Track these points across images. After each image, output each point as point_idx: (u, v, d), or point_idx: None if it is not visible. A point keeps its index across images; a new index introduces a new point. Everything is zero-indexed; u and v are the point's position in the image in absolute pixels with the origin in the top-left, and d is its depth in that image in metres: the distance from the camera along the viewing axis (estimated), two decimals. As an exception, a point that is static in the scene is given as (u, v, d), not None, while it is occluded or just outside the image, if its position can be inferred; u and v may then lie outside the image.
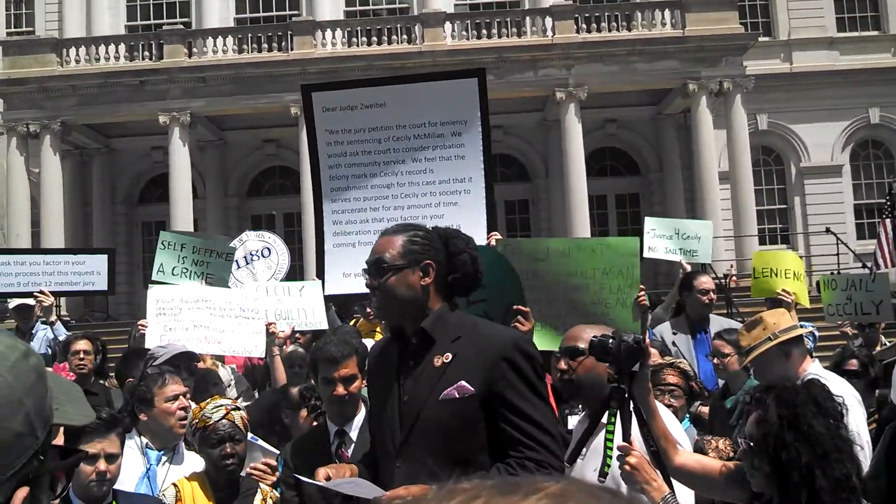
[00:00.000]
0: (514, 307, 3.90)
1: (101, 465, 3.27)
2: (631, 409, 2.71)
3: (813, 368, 4.35)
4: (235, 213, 23.75)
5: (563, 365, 3.18)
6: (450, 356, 2.84)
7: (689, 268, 7.35)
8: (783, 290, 6.29)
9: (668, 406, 4.01)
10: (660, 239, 7.54)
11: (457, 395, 2.79)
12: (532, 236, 23.57)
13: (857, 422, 4.03)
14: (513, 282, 4.06)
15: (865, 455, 3.94)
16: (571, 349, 3.25)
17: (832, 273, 17.56)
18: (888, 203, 7.39)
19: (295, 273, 8.05)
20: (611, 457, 2.77)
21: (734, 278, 18.52)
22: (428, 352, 2.89)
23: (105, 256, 7.93)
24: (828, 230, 19.26)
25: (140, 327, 5.82)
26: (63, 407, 0.98)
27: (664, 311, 6.96)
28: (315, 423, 4.38)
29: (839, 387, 4.19)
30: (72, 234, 21.19)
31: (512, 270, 4.09)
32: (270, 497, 3.83)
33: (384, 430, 2.96)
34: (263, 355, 5.70)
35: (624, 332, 2.79)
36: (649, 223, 7.88)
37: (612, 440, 2.78)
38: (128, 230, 23.79)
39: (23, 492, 0.90)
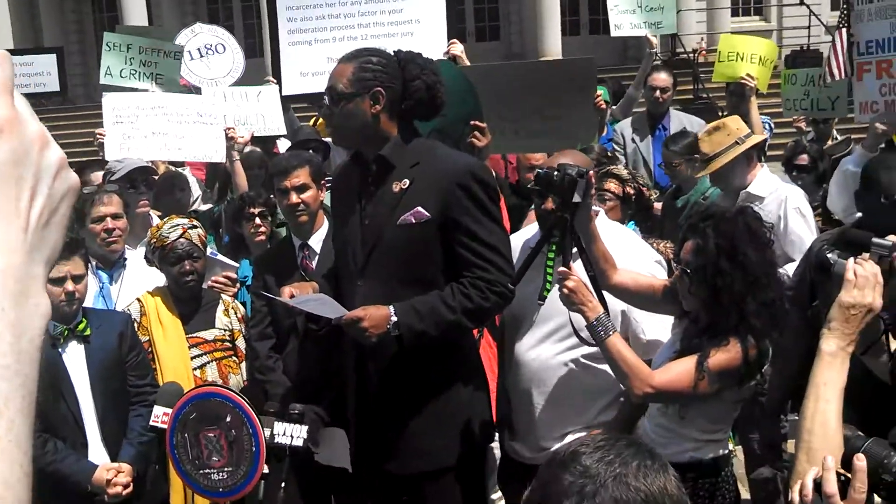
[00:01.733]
0: (472, 122, 3.88)
1: (69, 285, 3.38)
2: (572, 237, 2.79)
3: (761, 174, 4.44)
4: (191, 3, 22.57)
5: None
6: (407, 182, 2.92)
7: (655, 41, 7.30)
8: (747, 75, 6.25)
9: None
10: (624, 14, 7.39)
11: (413, 221, 2.89)
12: (500, 23, 22.77)
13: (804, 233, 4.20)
14: (470, 96, 4.00)
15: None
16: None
17: (801, 47, 17.41)
18: (844, 9, 7.16)
19: (258, 70, 7.76)
20: (550, 282, 2.88)
21: (704, 52, 18.28)
22: (387, 177, 2.97)
23: (54, 55, 7.66)
24: (801, 2, 18.82)
25: (98, 136, 5.73)
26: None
27: (635, 90, 6.99)
28: (259, 231, 4.48)
29: (794, 197, 4.32)
30: (17, 17, 20.13)
31: (469, 85, 4.01)
32: (232, 307, 3.97)
33: (346, 252, 3.08)
34: (224, 160, 5.68)
35: (567, 165, 2.81)
36: None
37: (552, 267, 2.88)
38: (77, 9, 22.63)
39: None
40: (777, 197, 4.30)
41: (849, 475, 1.69)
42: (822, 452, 1.77)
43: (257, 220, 4.53)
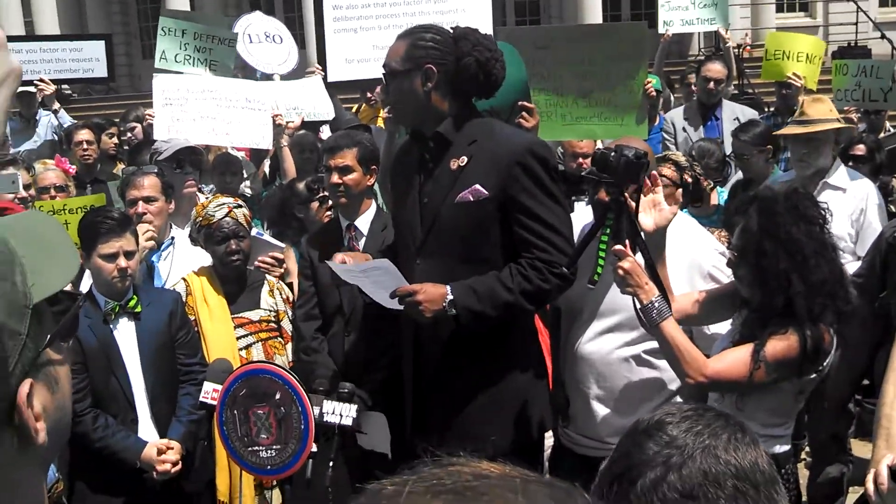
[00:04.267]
0: (519, 103, 3.83)
1: (122, 261, 3.40)
2: (627, 221, 2.72)
3: (842, 167, 4.37)
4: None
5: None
6: (465, 159, 2.88)
7: (726, 35, 7.18)
8: (793, 74, 6.20)
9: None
10: (675, 11, 7.31)
11: (471, 199, 2.85)
12: (541, 19, 22.65)
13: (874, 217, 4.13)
14: (519, 76, 3.95)
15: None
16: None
17: (847, 44, 17.08)
18: None
19: (300, 62, 7.83)
20: (601, 265, 2.82)
21: (748, 48, 17.98)
22: (445, 154, 2.94)
23: (103, 42, 7.78)
24: (849, -4, 18.42)
25: (147, 117, 5.77)
26: (40, 277, 0.93)
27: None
28: (328, 214, 4.46)
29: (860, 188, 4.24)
30: (63, 5, 20.40)
31: (520, 64, 3.96)
32: (277, 288, 3.96)
33: (404, 230, 3.06)
34: (271, 147, 5.69)
35: (625, 146, 2.75)
36: None
37: (604, 251, 2.82)
38: (122, 8, 22.87)
39: (25, 386, 0.91)
40: (860, 190, 4.25)
41: None
42: None
43: (326, 204, 4.49)
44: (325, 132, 6.58)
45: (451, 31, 2.96)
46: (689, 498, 1.23)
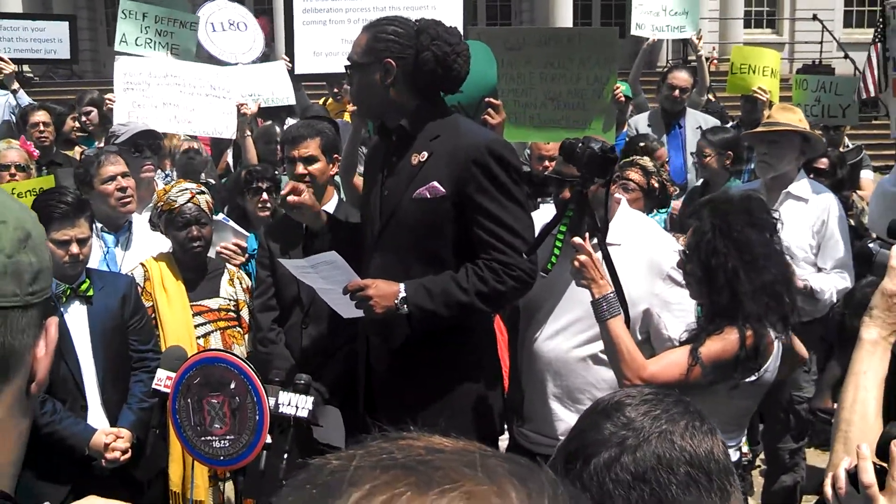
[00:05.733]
0: (486, 99, 3.81)
1: (74, 248, 3.32)
2: (587, 213, 2.73)
3: (804, 179, 4.40)
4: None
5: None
6: (426, 155, 2.86)
7: (699, 42, 7.27)
8: (759, 88, 6.28)
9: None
10: (647, 15, 7.37)
11: (428, 196, 2.82)
12: (512, 7, 22.74)
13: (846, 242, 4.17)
14: (490, 72, 3.93)
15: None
16: None
17: (812, 62, 17.38)
18: (879, 24, 7.13)
19: (270, 55, 7.78)
20: (556, 255, 2.82)
21: (715, 62, 18.21)
22: (407, 149, 2.91)
23: (66, 23, 7.63)
24: (815, 17, 18.78)
25: (108, 101, 5.66)
26: None
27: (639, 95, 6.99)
28: (265, 206, 4.43)
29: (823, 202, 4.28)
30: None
31: (490, 61, 3.95)
32: (237, 278, 3.91)
33: (366, 222, 3.04)
34: (234, 136, 5.62)
35: (593, 140, 2.76)
36: None
37: (561, 241, 2.82)
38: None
39: (55, 320, 1.01)
40: (822, 202, 4.27)
41: (885, 465, 1.63)
42: (861, 443, 1.71)
43: (264, 196, 4.47)
44: (291, 124, 6.53)
45: (415, 24, 2.92)
46: (641, 481, 1.23)
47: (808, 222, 4.20)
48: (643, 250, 3.07)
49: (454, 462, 0.62)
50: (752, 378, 2.69)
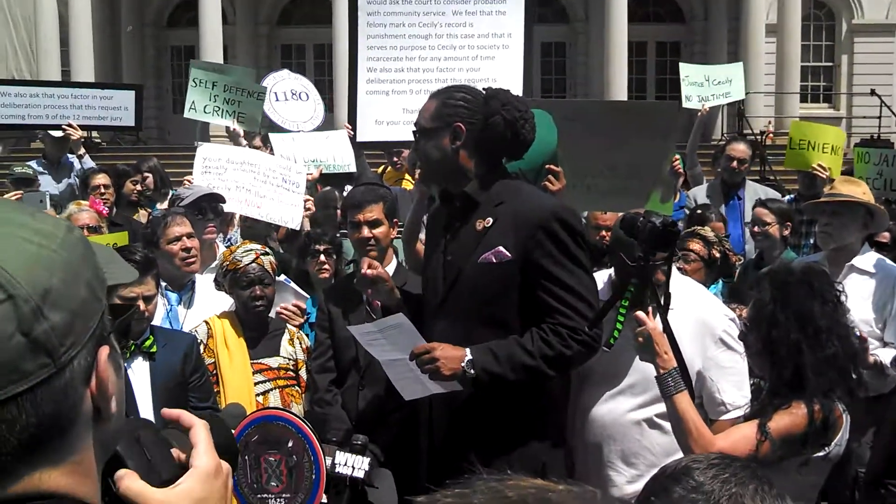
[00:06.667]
0: (546, 166, 3.85)
1: (140, 305, 3.39)
2: (651, 288, 2.72)
3: (871, 252, 4.29)
4: (265, 42, 23.34)
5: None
6: (490, 220, 2.87)
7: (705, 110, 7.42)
8: (818, 165, 6.21)
9: (680, 270, 4.00)
10: (693, 87, 7.52)
11: (494, 260, 2.83)
12: (567, 81, 23.04)
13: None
14: (550, 139, 3.98)
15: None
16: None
17: (870, 137, 17.20)
18: None
19: (326, 106, 8.01)
20: (619, 330, 2.80)
21: (771, 135, 18.15)
22: (471, 214, 2.93)
23: (133, 92, 7.94)
24: (873, 92, 18.63)
25: (186, 183, 5.84)
26: (108, 268, 1.03)
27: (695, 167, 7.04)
28: (324, 268, 4.50)
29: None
30: (100, 57, 20.94)
31: (551, 128, 4.00)
32: (297, 338, 3.96)
33: (428, 287, 3.06)
34: (298, 227, 5.73)
35: (654, 214, 2.77)
36: (684, 70, 7.96)
37: (623, 315, 2.80)
38: (157, 55, 23.51)
39: (105, 350, 0.96)
40: (888, 276, 4.15)
41: None
42: None
43: (322, 258, 4.54)
44: (349, 189, 6.67)
45: (483, 91, 2.98)
46: None
47: (873, 296, 4.11)
48: (694, 313, 3.05)
49: (578, 499, 0.62)
50: (822, 453, 2.63)
